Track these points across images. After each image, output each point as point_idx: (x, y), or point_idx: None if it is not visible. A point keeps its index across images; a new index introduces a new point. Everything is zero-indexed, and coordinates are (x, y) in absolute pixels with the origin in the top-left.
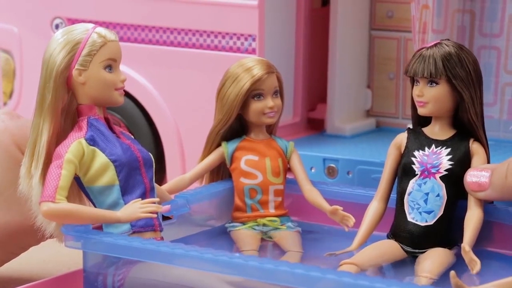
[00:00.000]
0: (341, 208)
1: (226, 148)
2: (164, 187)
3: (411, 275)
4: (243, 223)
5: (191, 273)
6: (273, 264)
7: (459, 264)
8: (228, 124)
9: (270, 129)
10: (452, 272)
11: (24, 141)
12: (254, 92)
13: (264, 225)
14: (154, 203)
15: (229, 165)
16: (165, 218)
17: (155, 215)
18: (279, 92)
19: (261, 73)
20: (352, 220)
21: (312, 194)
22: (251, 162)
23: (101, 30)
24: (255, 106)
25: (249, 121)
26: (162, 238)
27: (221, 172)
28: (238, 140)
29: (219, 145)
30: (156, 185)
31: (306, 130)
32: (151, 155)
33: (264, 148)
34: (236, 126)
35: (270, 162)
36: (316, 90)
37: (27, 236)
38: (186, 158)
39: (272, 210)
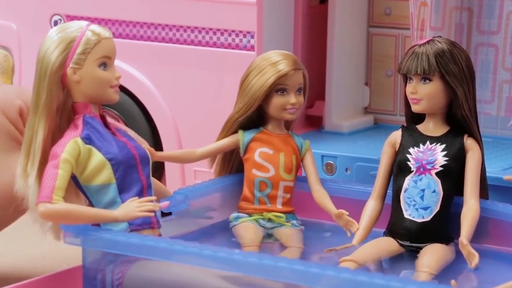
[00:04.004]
0: (347, 213)
1: (242, 137)
2: (172, 153)
3: (409, 271)
4: (249, 214)
5: (190, 270)
6: (272, 260)
7: (457, 260)
8: (247, 114)
9: (288, 125)
10: (453, 281)
11: (8, 105)
12: (278, 87)
13: (269, 219)
14: (152, 201)
15: (243, 154)
16: (164, 214)
17: (152, 214)
18: (302, 90)
19: (287, 69)
20: (356, 226)
21: (320, 195)
22: (265, 155)
23: (95, 27)
24: (278, 100)
25: (268, 114)
26: (160, 235)
27: (232, 161)
28: (255, 131)
29: (234, 132)
30: (153, 179)
31: (304, 127)
32: (147, 151)
33: (280, 143)
34: (254, 117)
35: (284, 157)
36: (314, 87)
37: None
38: None
39: (279, 206)
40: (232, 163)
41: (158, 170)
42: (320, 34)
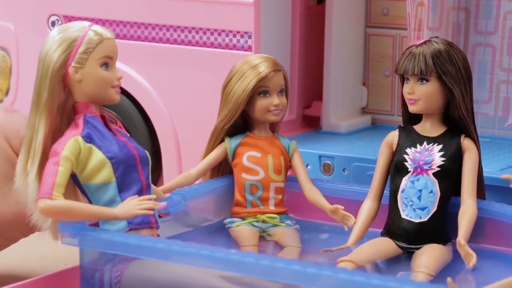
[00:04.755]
0: (342, 207)
1: (229, 144)
2: (170, 184)
3: (406, 271)
4: (243, 218)
5: (188, 269)
6: (269, 261)
7: (455, 260)
8: (232, 120)
9: (273, 127)
10: (449, 279)
11: (13, 134)
12: (260, 89)
13: (263, 221)
14: (151, 200)
15: (231, 161)
16: (160, 215)
17: (151, 212)
18: (284, 91)
19: (267, 70)
20: (352, 219)
21: (313, 193)
22: (254, 159)
23: (97, 28)
24: (261, 103)
25: (253, 118)
26: (158, 235)
27: (222, 167)
28: (242, 136)
29: (222, 140)
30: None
31: (301, 127)
32: (147, 152)
33: (267, 145)
34: (239, 123)
35: (272, 159)
36: (311, 87)
37: (20, 227)
38: (182, 155)
39: (272, 207)
40: (221, 171)
41: (156, 170)
42: (317, 34)
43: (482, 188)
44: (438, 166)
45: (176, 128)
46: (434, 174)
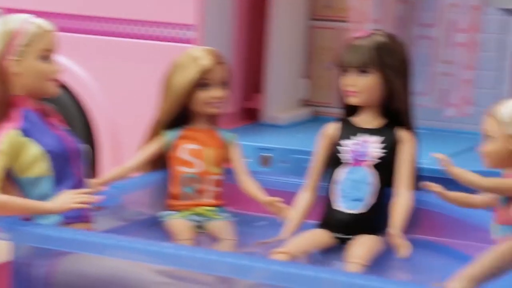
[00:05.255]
0: (279, 199)
1: (166, 137)
2: (106, 177)
3: (341, 262)
4: (178, 211)
5: (122, 263)
6: (203, 253)
7: (390, 250)
8: (172, 114)
9: (213, 120)
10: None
11: None
12: (202, 81)
13: (199, 214)
14: (86, 193)
15: (168, 153)
16: (95, 209)
17: (86, 206)
18: (225, 83)
19: (209, 63)
20: (288, 211)
21: (249, 186)
22: (191, 151)
23: (37, 20)
24: (201, 95)
25: (193, 111)
26: (93, 230)
27: (159, 160)
28: (180, 129)
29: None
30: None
31: (241, 120)
32: (84, 146)
33: (205, 138)
34: (179, 115)
35: (211, 152)
36: (253, 80)
37: None
38: (121, 149)
39: (208, 200)
40: (159, 164)
41: (94, 163)
42: (261, 26)
43: (417, 180)
44: (375, 158)
45: (115, 121)
46: (371, 165)
